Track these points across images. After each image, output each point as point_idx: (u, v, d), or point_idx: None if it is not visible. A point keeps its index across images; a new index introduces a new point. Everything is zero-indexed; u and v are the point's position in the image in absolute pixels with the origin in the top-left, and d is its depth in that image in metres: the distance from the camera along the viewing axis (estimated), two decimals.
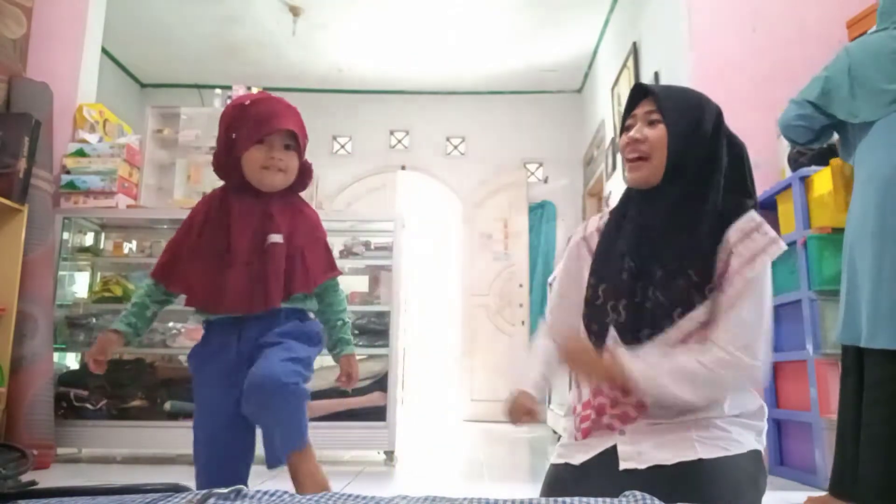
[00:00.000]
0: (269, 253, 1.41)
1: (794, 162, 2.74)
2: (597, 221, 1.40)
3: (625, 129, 1.30)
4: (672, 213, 1.22)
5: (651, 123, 1.24)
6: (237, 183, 1.46)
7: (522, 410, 1.29)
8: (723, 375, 1.12)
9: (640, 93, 1.29)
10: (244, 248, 1.41)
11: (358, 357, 3.45)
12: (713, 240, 1.18)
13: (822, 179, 2.58)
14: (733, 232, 1.18)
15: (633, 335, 1.20)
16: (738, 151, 1.26)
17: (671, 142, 1.21)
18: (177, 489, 0.71)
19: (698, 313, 1.16)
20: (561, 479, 1.24)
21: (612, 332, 1.23)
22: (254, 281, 1.40)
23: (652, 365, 1.14)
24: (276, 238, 1.43)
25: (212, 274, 1.41)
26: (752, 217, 1.19)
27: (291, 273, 1.44)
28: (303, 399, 1.39)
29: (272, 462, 1.37)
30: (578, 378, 1.28)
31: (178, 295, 1.51)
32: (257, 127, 1.41)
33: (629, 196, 1.32)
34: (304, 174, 1.52)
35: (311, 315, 1.56)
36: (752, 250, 1.16)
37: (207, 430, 1.46)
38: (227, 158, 1.44)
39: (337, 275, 1.56)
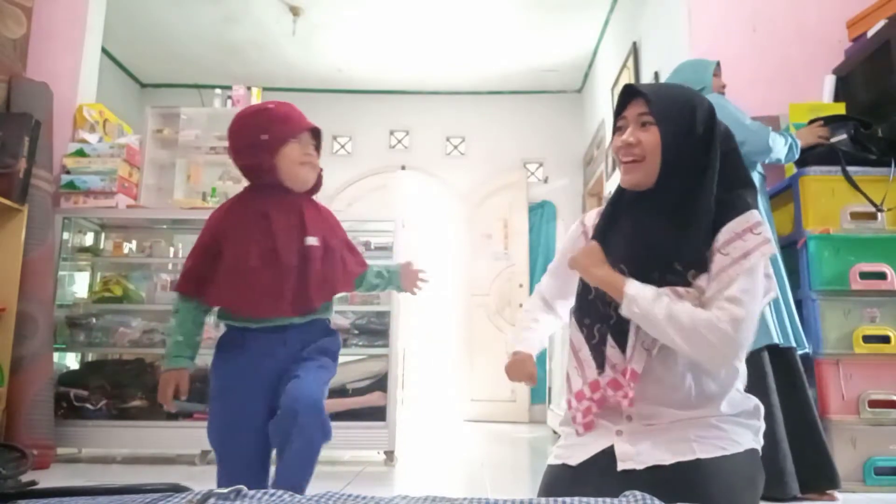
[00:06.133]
0: (308, 256, 1.43)
1: (799, 158, 2.73)
2: (594, 217, 1.40)
3: (616, 129, 1.29)
4: (665, 217, 1.21)
5: (643, 126, 1.23)
6: (270, 183, 1.47)
7: (525, 372, 1.35)
8: (706, 336, 1.11)
9: (629, 93, 1.27)
10: (290, 251, 1.43)
11: (358, 357, 3.48)
12: (706, 240, 1.18)
13: (818, 180, 2.59)
14: (724, 232, 1.17)
15: (624, 334, 1.20)
16: (732, 144, 1.26)
17: (665, 145, 1.21)
18: (177, 489, 0.70)
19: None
20: (559, 480, 1.24)
21: (609, 338, 1.23)
22: (297, 284, 1.42)
23: (651, 294, 1.15)
24: (313, 241, 1.45)
25: (259, 279, 1.40)
26: (748, 218, 1.18)
27: (332, 274, 1.47)
28: (320, 449, 1.41)
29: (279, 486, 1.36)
30: (584, 277, 1.28)
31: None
32: (290, 125, 1.45)
33: (621, 197, 1.32)
34: (318, 177, 1.56)
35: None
36: (743, 249, 1.15)
37: (240, 444, 1.42)
38: (259, 159, 1.45)
39: (366, 269, 1.61)
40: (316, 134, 1.50)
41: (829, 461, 2.27)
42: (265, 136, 1.44)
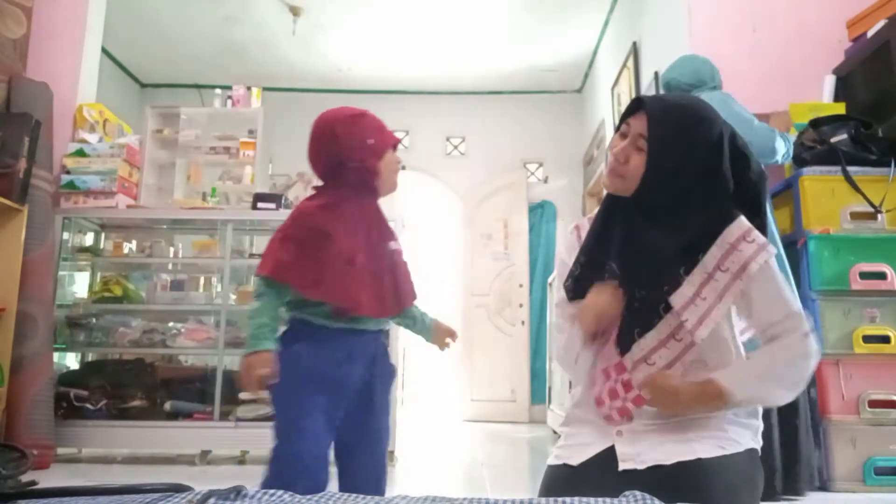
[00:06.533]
0: (395, 259, 1.51)
1: (799, 159, 2.74)
2: (587, 223, 1.40)
3: (620, 131, 1.29)
4: (653, 225, 1.22)
5: (638, 148, 1.22)
6: (364, 187, 1.51)
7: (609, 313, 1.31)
8: (806, 368, 1.15)
9: (638, 106, 1.25)
10: (384, 252, 1.49)
11: None
12: (688, 258, 1.18)
13: (818, 180, 2.59)
14: (718, 246, 1.17)
15: (627, 332, 1.21)
16: (749, 174, 1.23)
17: (647, 175, 1.20)
18: (177, 489, 0.71)
19: (678, 301, 1.17)
20: (559, 480, 1.24)
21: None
22: (390, 285, 1.48)
23: (735, 374, 1.16)
24: (396, 245, 1.53)
25: (363, 277, 1.42)
26: (739, 226, 1.18)
27: (411, 278, 1.54)
28: None
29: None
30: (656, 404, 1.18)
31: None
32: (388, 133, 1.54)
33: (614, 197, 1.31)
34: None
35: None
36: (740, 262, 1.16)
37: (323, 443, 1.41)
38: (367, 163, 1.49)
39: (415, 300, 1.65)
40: (395, 147, 1.58)
41: (800, 468, 2.29)
42: (371, 141, 1.50)
